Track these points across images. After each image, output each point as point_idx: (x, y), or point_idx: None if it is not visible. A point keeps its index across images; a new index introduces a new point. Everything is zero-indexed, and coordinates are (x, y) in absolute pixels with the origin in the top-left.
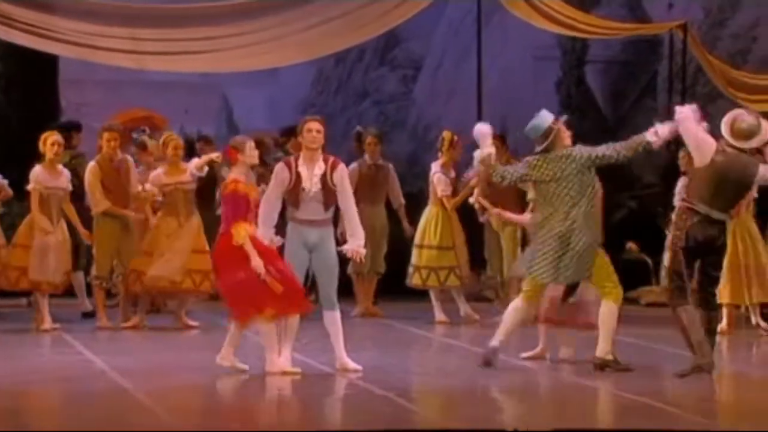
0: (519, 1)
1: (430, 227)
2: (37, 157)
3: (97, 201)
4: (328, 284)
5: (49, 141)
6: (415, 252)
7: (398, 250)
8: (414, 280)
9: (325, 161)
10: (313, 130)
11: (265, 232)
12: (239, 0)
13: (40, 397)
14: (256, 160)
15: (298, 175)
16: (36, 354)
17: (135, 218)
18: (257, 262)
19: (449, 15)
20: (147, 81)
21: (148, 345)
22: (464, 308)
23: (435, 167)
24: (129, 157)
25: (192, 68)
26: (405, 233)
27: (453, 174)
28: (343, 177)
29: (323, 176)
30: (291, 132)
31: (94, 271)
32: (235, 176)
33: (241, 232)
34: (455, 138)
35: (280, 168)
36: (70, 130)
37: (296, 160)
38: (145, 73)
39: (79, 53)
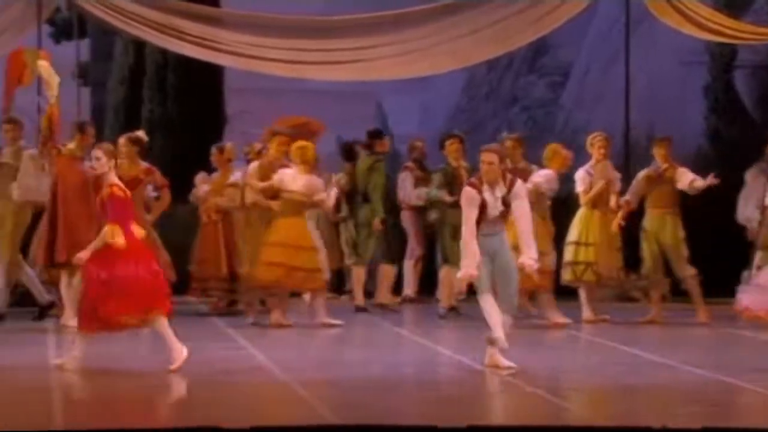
0: (669, 9)
1: (573, 225)
2: (204, 163)
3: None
4: (506, 287)
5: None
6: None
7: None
8: (566, 276)
9: (504, 180)
10: (485, 162)
11: (471, 261)
12: (393, 11)
13: (206, 389)
14: None
15: (484, 200)
16: (201, 347)
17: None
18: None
19: (597, 23)
20: (305, 89)
21: (304, 340)
22: (586, 308)
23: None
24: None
25: (348, 77)
26: None
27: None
28: (519, 193)
29: (504, 198)
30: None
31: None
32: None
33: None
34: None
35: (472, 194)
36: (374, 137)
37: (480, 183)
38: (303, 82)
39: (244, 64)
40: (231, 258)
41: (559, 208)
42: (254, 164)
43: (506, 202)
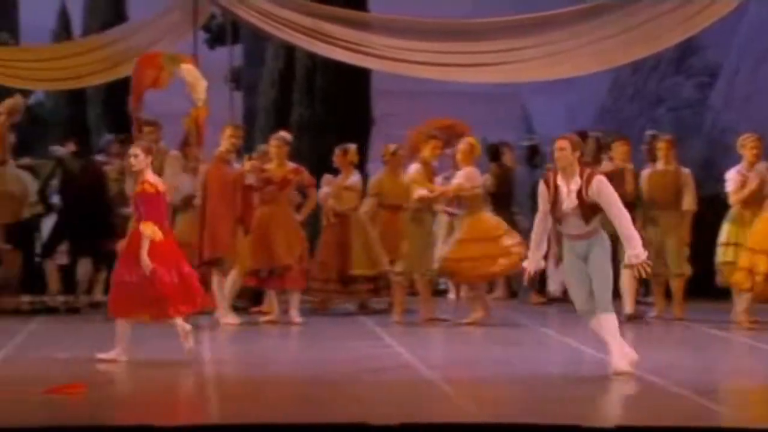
0: None
1: (723, 226)
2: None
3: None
4: (601, 289)
5: None
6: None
7: (702, 252)
8: (719, 278)
9: (581, 175)
10: (557, 148)
11: (535, 253)
12: (539, 13)
13: (354, 386)
14: None
15: (557, 191)
16: (347, 347)
17: None
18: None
19: (747, 22)
20: (450, 91)
21: (452, 337)
22: (737, 309)
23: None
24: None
25: (493, 79)
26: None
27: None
28: (601, 189)
29: (579, 192)
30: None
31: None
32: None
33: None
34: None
35: (542, 187)
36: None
37: (555, 175)
38: (448, 84)
39: (391, 67)
40: (345, 261)
41: (706, 208)
42: (417, 165)
43: (581, 198)
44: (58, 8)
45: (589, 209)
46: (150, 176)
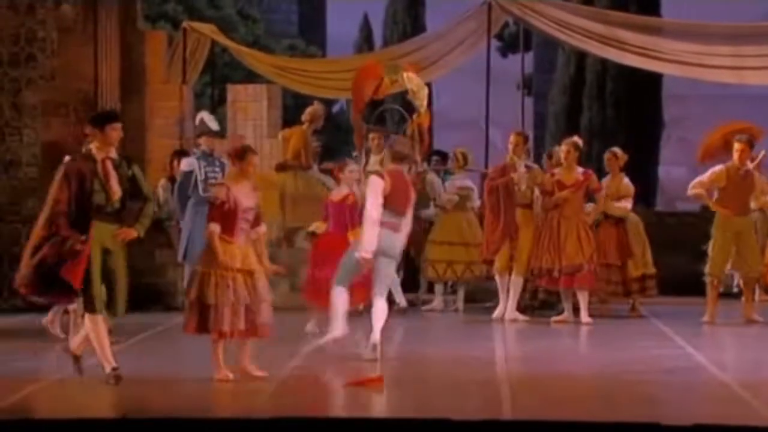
0: None
1: None
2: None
3: None
4: None
5: None
6: None
7: None
8: None
9: None
10: None
11: None
12: None
13: (639, 385)
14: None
15: None
16: (638, 347)
17: None
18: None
19: None
20: (747, 95)
21: (746, 341)
22: None
23: None
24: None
25: None
26: None
27: None
28: None
29: None
30: None
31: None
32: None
33: None
34: None
35: None
36: None
37: None
38: (745, 88)
39: (685, 71)
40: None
41: None
42: (721, 167)
43: None
44: (361, 21)
45: None
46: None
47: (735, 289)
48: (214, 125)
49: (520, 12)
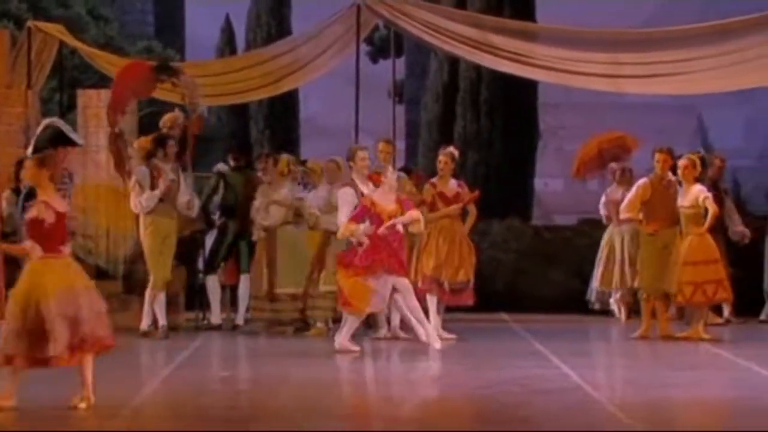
0: None
1: None
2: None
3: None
4: None
5: None
6: None
7: None
8: None
9: None
10: None
11: None
12: (717, 22)
13: (514, 407)
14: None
15: None
16: (513, 366)
17: None
18: None
19: None
20: (623, 103)
21: (623, 360)
22: None
23: None
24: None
25: (667, 91)
26: None
27: None
28: None
29: None
30: None
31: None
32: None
33: None
34: None
35: None
36: None
37: None
38: (621, 96)
39: (560, 79)
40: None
41: None
42: (645, 180)
43: None
44: (222, 23)
45: None
46: None
47: (612, 307)
48: (76, 138)
49: (390, 15)
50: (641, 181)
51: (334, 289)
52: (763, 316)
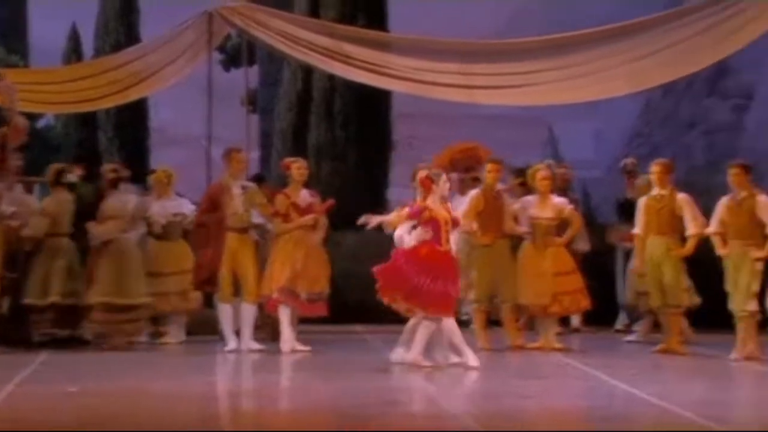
0: None
1: None
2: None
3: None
4: None
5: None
6: None
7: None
8: None
9: None
10: None
11: None
12: (564, 33)
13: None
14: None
15: None
16: (365, 378)
17: None
18: None
19: None
20: (476, 114)
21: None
22: None
23: None
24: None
25: (518, 101)
26: None
27: None
28: None
29: None
30: None
31: (472, 294)
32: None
33: None
34: None
35: None
36: None
37: None
38: (474, 107)
39: (412, 88)
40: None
41: None
42: (477, 191)
43: None
44: (69, 30)
45: None
46: None
47: (464, 317)
48: None
49: (242, 23)
50: (473, 192)
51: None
52: (618, 326)
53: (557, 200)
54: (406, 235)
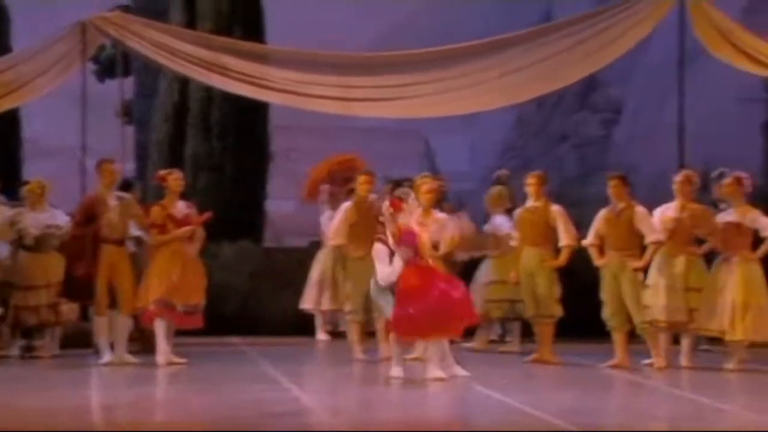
0: (725, 44)
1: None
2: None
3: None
4: None
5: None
6: None
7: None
8: None
9: None
10: None
11: None
12: (440, 47)
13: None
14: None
15: None
16: (245, 390)
17: None
18: None
19: (651, 59)
20: (353, 127)
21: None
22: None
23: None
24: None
25: (394, 114)
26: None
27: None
28: None
29: None
30: None
31: (348, 306)
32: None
33: None
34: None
35: None
36: None
37: None
38: (352, 120)
39: (289, 101)
40: None
41: None
42: (349, 204)
43: None
44: None
45: None
46: None
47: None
48: None
49: (117, 34)
50: (345, 204)
51: None
52: (492, 336)
53: (439, 215)
54: (386, 267)
